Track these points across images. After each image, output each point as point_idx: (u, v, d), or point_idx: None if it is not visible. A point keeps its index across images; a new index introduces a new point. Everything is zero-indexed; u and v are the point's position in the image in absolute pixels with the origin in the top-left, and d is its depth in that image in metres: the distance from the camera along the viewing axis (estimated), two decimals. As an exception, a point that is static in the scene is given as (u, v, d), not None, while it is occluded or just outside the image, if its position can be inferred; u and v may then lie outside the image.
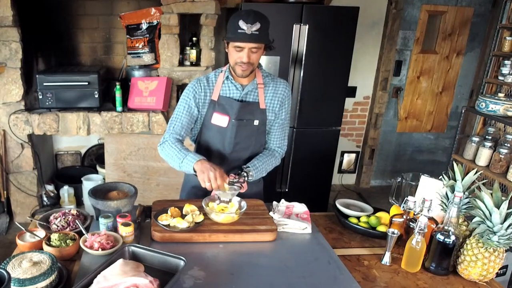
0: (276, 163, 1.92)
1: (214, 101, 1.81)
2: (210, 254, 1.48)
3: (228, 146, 1.84)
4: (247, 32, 1.60)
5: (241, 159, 1.88)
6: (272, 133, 1.92)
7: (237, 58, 1.67)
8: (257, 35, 1.61)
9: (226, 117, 1.79)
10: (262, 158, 1.86)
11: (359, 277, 1.45)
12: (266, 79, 1.83)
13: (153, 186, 3.40)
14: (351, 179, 4.59)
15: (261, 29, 1.61)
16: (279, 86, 1.85)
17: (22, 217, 3.39)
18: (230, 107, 1.78)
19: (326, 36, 3.14)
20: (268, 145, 1.96)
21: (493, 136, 2.94)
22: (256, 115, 1.82)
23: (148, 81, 3.21)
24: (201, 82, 1.82)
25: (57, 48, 3.53)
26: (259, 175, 1.83)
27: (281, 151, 1.96)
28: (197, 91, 1.81)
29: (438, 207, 1.62)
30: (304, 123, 3.35)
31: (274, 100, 1.84)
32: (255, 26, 1.60)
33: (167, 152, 1.76)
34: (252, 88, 1.80)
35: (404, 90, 4.23)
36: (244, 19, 1.60)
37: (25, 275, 1.21)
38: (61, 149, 3.94)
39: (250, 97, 1.82)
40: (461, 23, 4.01)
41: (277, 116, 1.87)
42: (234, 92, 1.80)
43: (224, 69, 1.82)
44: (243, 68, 1.69)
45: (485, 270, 1.43)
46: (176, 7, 3.10)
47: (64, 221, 1.62)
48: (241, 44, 1.64)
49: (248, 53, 1.65)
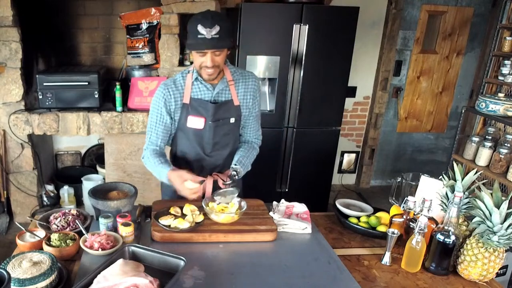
0: (256, 154, 1.95)
1: (187, 104, 1.76)
2: (210, 254, 1.48)
3: (207, 147, 1.83)
4: (207, 37, 1.54)
5: (221, 157, 1.88)
6: (248, 126, 1.92)
7: (202, 63, 1.63)
8: (217, 38, 1.56)
9: (202, 119, 1.76)
10: (245, 153, 1.87)
11: (359, 277, 1.45)
12: (235, 75, 1.79)
13: (153, 186, 3.39)
14: (351, 179, 4.59)
15: (221, 32, 1.55)
16: (249, 81, 1.83)
17: (22, 217, 3.39)
18: (205, 109, 1.76)
19: (326, 36, 3.13)
20: (244, 138, 1.96)
21: (493, 136, 2.94)
22: (232, 113, 1.81)
23: (148, 81, 3.21)
24: (169, 87, 1.75)
25: (57, 48, 3.52)
26: (246, 170, 1.86)
27: (258, 142, 1.99)
28: (166, 98, 1.75)
29: (438, 207, 1.62)
30: (304, 123, 3.34)
31: (247, 95, 1.83)
32: (215, 30, 1.54)
33: (149, 166, 1.84)
34: (223, 87, 1.77)
35: (404, 90, 4.23)
36: (203, 23, 1.54)
37: (25, 275, 1.21)
38: (61, 149, 3.94)
39: (222, 95, 1.79)
40: (461, 23, 4.01)
41: (251, 111, 1.87)
42: (205, 93, 1.77)
43: (191, 70, 1.77)
44: (208, 72, 1.65)
45: (485, 270, 1.43)
46: (176, 7, 3.10)
47: (64, 221, 1.62)
48: (202, 51, 1.60)
49: (211, 57, 1.61)
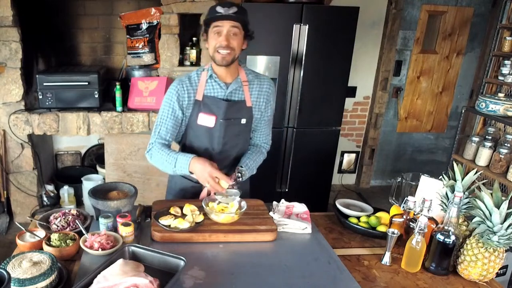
0: (263, 158, 1.94)
1: (199, 101, 1.76)
2: (210, 254, 1.48)
3: (217, 146, 1.82)
4: (224, 13, 1.60)
5: (229, 158, 1.87)
6: (259, 130, 1.92)
7: (216, 43, 1.64)
8: (235, 14, 1.60)
9: (213, 117, 1.76)
10: (252, 157, 1.86)
11: (359, 277, 1.44)
12: (249, 76, 1.80)
13: (153, 186, 3.39)
14: (351, 179, 4.59)
15: (238, 12, 1.61)
16: (264, 84, 1.83)
17: (22, 217, 3.39)
18: (217, 107, 1.75)
19: (326, 36, 3.13)
20: (254, 141, 1.95)
21: (493, 136, 2.94)
22: (243, 113, 1.80)
23: (148, 81, 3.21)
24: (183, 83, 1.76)
25: (57, 48, 3.53)
26: (250, 173, 1.85)
27: (267, 147, 1.98)
28: (180, 93, 1.75)
29: (438, 207, 1.62)
30: (304, 123, 3.34)
31: (260, 98, 1.82)
32: (232, 10, 1.60)
33: (157, 158, 1.76)
34: (237, 87, 1.77)
35: (404, 90, 4.23)
36: (221, 5, 1.61)
37: (25, 275, 1.21)
38: (61, 149, 3.94)
39: (236, 95, 1.79)
40: (461, 23, 4.01)
41: (263, 114, 1.86)
42: (219, 91, 1.77)
43: (206, 68, 1.78)
44: (222, 54, 1.64)
45: (485, 270, 1.43)
46: (176, 7, 3.10)
47: (64, 221, 1.62)
48: (219, 23, 1.61)
49: (227, 35, 1.62)
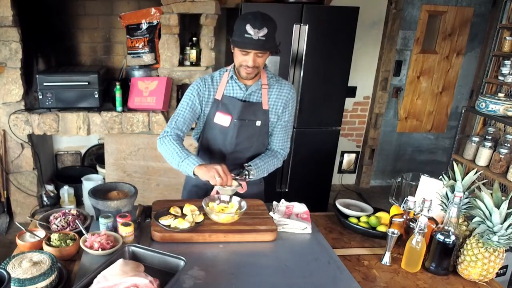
0: (278, 164, 1.91)
1: (218, 100, 1.80)
2: (210, 254, 1.48)
3: (229, 146, 1.84)
4: (254, 37, 1.57)
5: (242, 159, 1.87)
6: (275, 134, 1.91)
7: (242, 61, 1.67)
8: (264, 41, 1.58)
9: (229, 117, 1.79)
10: (264, 158, 1.85)
11: (359, 277, 1.45)
12: (271, 80, 1.82)
13: (153, 186, 3.39)
14: (351, 179, 4.59)
15: (268, 35, 1.58)
16: (284, 88, 1.84)
17: (22, 217, 3.39)
18: (233, 107, 1.78)
19: (326, 36, 3.14)
20: (270, 146, 1.95)
21: (493, 136, 2.94)
22: (259, 115, 1.81)
23: (148, 81, 3.21)
24: (205, 81, 1.82)
25: (57, 48, 3.52)
26: (260, 174, 1.82)
27: (284, 153, 1.95)
28: (201, 89, 1.81)
29: (438, 207, 1.61)
30: (304, 123, 3.35)
31: (278, 102, 1.83)
32: (262, 32, 1.57)
33: (167, 147, 1.73)
34: (256, 89, 1.80)
35: (404, 90, 4.23)
36: (252, 23, 1.56)
37: (25, 275, 1.21)
38: (61, 149, 3.94)
39: (254, 97, 1.81)
40: (461, 23, 4.01)
41: (279, 118, 1.86)
42: (238, 92, 1.80)
43: (229, 68, 1.81)
44: (247, 71, 1.68)
45: (485, 270, 1.43)
46: (176, 7, 3.10)
47: (64, 221, 1.62)
48: (247, 50, 1.62)
49: (253, 57, 1.64)
